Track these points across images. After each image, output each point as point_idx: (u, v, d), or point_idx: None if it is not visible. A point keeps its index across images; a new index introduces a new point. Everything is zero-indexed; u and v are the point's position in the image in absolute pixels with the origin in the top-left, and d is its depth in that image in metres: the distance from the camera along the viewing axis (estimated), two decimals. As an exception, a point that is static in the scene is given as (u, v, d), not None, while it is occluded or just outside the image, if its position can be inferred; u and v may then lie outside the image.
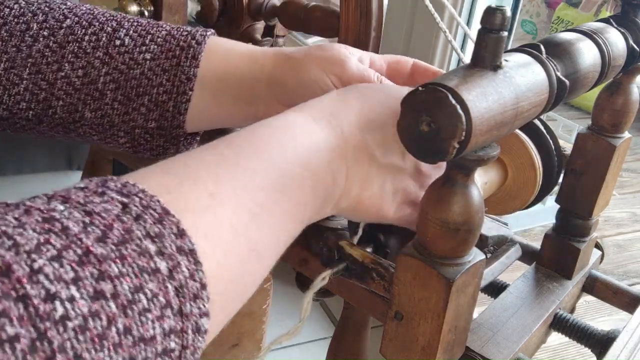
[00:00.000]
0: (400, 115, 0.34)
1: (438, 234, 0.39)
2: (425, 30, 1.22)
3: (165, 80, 0.50)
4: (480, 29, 0.34)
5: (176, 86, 0.50)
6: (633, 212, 1.83)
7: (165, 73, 0.50)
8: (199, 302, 0.28)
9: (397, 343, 0.43)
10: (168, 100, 0.50)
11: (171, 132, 0.51)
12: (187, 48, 0.50)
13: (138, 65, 0.50)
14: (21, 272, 0.23)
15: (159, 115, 0.50)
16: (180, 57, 0.50)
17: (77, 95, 0.49)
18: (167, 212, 0.28)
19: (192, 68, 0.50)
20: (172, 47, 0.50)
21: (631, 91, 0.55)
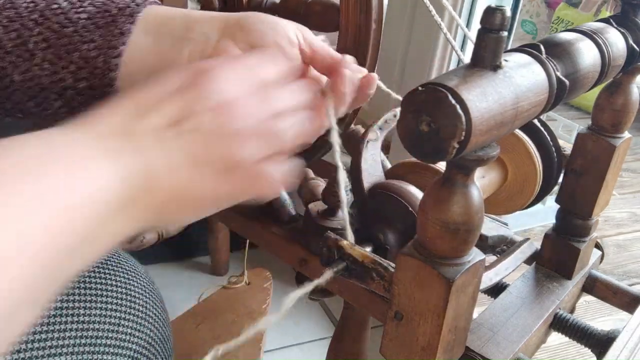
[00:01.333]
0: (400, 116, 0.34)
1: (438, 234, 0.39)
2: (425, 30, 1.22)
3: (98, 37, 0.48)
4: (480, 29, 0.34)
5: (107, 41, 0.47)
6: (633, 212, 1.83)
7: (98, 30, 0.48)
8: None
9: (397, 343, 0.43)
10: (98, 56, 0.47)
11: (103, 92, 0.49)
12: (125, 8, 0.49)
13: (72, 24, 0.48)
14: None
15: (89, 72, 0.48)
16: (116, 15, 0.48)
17: (8, 58, 0.48)
18: None
19: (127, 24, 0.48)
20: (110, 7, 0.49)
21: (631, 91, 0.55)
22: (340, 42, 0.61)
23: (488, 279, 0.49)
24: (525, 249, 0.55)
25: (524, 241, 0.56)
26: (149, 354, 0.49)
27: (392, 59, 1.30)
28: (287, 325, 1.42)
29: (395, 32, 1.28)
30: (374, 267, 0.46)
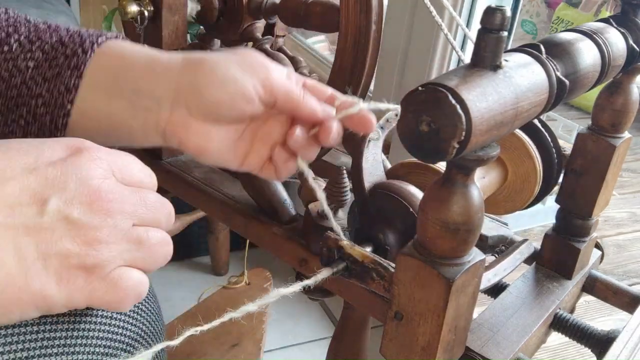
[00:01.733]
0: (400, 116, 0.34)
1: (438, 234, 0.39)
2: (425, 30, 1.22)
3: (45, 91, 0.45)
4: (480, 29, 0.34)
5: (54, 98, 0.45)
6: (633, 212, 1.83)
7: (45, 83, 0.45)
8: None
9: (397, 343, 0.43)
10: (45, 114, 0.45)
11: None
12: (72, 57, 0.45)
13: (20, 73, 0.45)
14: None
15: (38, 129, 0.46)
16: (63, 66, 0.45)
17: None
18: None
19: (73, 79, 0.45)
20: (58, 55, 0.46)
21: (631, 91, 0.55)
22: (340, 43, 0.61)
23: (487, 279, 0.49)
24: (524, 250, 0.55)
25: (523, 242, 0.56)
26: (141, 347, 0.49)
27: (392, 59, 1.30)
28: (287, 325, 1.42)
29: (395, 32, 1.28)
30: (374, 267, 0.46)
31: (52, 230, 0.33)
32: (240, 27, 0.71)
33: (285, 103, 0.45)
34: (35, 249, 0.33)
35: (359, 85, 0.62)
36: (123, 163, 0.37)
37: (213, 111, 0.45)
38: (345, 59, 0.61)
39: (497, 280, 0.50)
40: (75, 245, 0.33)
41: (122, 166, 0.37)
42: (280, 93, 0.45)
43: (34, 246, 0.32)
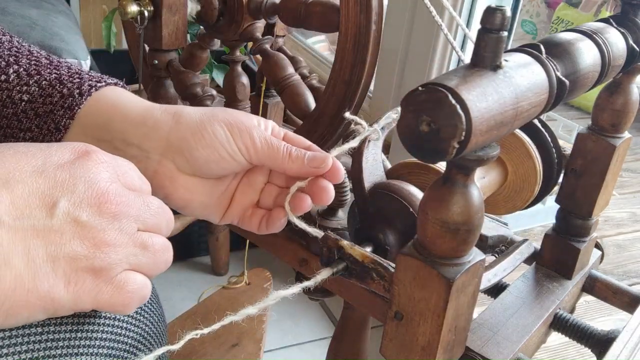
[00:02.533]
0: (400, 116, 0.34)
1: (438, 234, 0.39)
2: (425, 30, 1.22)
3: (35, 126, 0.45)
4: (480, 29, 0.34)
5: (43, 134, 0.45)
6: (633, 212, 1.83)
7: (37, 118, 0.45)
8: None
9: (397, 343, 0.43)
10: None
11: None
12: (67, 97, 0.45)
13: (13, 105, 0.45)
14: None
15: None
16: (57, 104, 0.45)
17: None
18: None
19: (65, 119, 0.44)
20: (54, 92, 0.46)
21: (631, 91, 0.55)
22: (340, 43, 0.61)
23: (487, 279, 0.49)
24: (524, 250, 0.55)
25: (523, 242, 0.56)
26: (144, 348, 0.49)
27: (392, 59, 1.30)
28: (287, 325, 1.42)
29: (395, 32, 1.28)
30: (374, 267, 0.46)
31: (61, 232, 0.33)
32: (240, 27, 0.71)
33: (270, 164, 0.47)
34: (44, 251, 0.33)
35: (359, 85, 0.62)
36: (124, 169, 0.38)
37: (201, 169, 0.46)
38: (345, 59, 0.61)
39: (497, 280, 0.50)
40: (84, 248, 0.34)
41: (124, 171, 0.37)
42: (264, 156, 0.46)
43: (43, 248, 0.33)
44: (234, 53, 0.80)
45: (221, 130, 0.45)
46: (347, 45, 0.61)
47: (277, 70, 0.67)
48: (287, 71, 0.67)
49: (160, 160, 0.46)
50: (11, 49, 0.48)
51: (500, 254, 0.55)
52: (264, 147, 0.46)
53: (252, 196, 0.50)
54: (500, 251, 0.57)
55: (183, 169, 0.46)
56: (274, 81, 0.68)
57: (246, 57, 0.86)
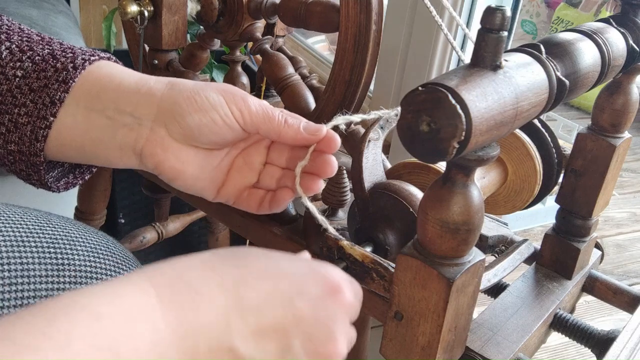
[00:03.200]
0: (401, 116, 0.34)
1: (438, 233, 0.39)
2: (425, 30, 1.22)
3: (30, 101, 0.45)
4: (480, 29, 0.34)
5: (38, 109, 0.45)
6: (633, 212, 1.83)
7: (31, 93, 0.45)
8: None
9: (397, 343, 0.43)
10: (27, 124, 0.45)
11: (31, 159, 0.47)
12: (61, 71, 0.46)
13: (7, 81, 0.46)
14: None
15: (18, 138, 0.46)
16: (51, 79, 0.45)
17: None
18: None
19: (60, 92, 0.45)
20: (47, 67, 0.46)
21: (631, 91, 0.55)
22: (341, 43, 0.61)
23: (487, 279, 0.49)
24: (524, 250, 0.55)
25: (522, 242, 0.56)
26: None
27: (392, 59, 1.30)
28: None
29: (395, 32, 1.28)
30: (374, 267, 0.46)
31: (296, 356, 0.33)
32: (240, 27, 0.71)
33: (267, 128, 0.46)
34: None
35: (359, 85, 0.62)
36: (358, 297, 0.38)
37: (193, 135, 0.45)
38: (346, 59, 0.61)
39: (497, 280, 0.50)
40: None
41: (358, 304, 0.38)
42: (259, 118, 0.46)
43: None
44: (234, 53, 0.80)
45: (214, 95, 0.45)
46: (347, 45, 0.61)
47: (277, 70, 0.67)
48: (287, 71, 0.67)
49: (153, 127, 0.45)
50: (1, 27, 0.48)
51: (501, 254, 0.55)
52: (259, 112, 0.46)
53: (249, 177, 0.50)
54: (500, 251, 0.57)
55: (175, 136, 0.45)
56: (274, 81, 0.68)
57: (246, 57, 0.86)
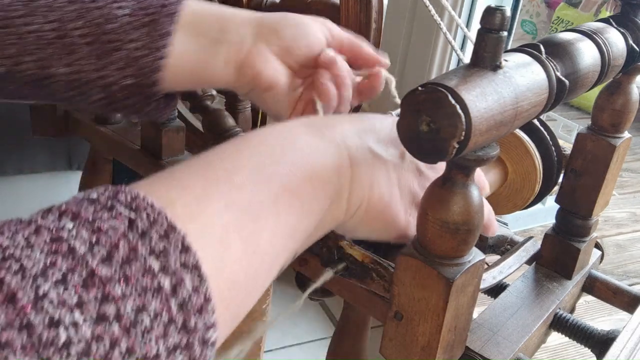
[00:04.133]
0: (400, 115, 0.35)
1: (438, 233, 0.39)
2: (425, 30, 1.22)
3: (143, 35, 0.49)
4: (479, 29, 0.34)
5: (152, 42, 0.49)
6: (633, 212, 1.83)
7: (142, 27, 0.49)
8: (205, 314, 0.28)
9: (397, 343, 0.43)
10: (144, 57, 0.49)
11: (147, 90, 0.51)
12: (166, 5, 0.50)
13: (115, 19, 0.49)
14: (26, 299, 0.23)
15: (135, 71, 0.50)
16: (158, 13, 0.49)
17: (50, 49, 0.48)
18: (174, 227, 0.28)
19: (170, 25, 0.49)
20: (149, 4, 0.50)
21: (631, 91, 0.55)
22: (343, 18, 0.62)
23: (491, 277, 0.49)
24: (529, 247, 0.55)
25: (527, 239, 0.56)
26: None
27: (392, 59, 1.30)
28: (287, 325, 1.42)
29: (395, 32, 1.28)
30: (374, 267, 0.46)
31: (407, 172, 0.44)
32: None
33: (349, 46, 0.54)
34: (397, 182, 0.43)
35: None
36: None
37: (289, 47, 0.51)
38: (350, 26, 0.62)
39: (502, 278, 0.50)
40: (419, 189, 0.44)
41: None
42: (343, 37, 0.53)
43: (396, 179, 0.43)
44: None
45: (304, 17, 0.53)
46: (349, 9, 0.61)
47: None
48: None
49: (254, 42, 0.51)
50: None
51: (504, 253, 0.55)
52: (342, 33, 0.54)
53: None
54: (506, 250, 0.57)
55: (274, 49, 0.51)
56: None
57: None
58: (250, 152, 0.36)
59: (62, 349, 0.23)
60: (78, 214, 0.28)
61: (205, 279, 0.28)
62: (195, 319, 0.28)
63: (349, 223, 0.42)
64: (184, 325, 0.27)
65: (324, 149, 0.39)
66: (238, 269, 0.32)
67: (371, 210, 0.42)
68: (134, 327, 0.25)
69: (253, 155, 0.36)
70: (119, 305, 0.25)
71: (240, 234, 0.32)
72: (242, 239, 0.32)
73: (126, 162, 0.77)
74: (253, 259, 0.33)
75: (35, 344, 0.23)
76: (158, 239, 0.28)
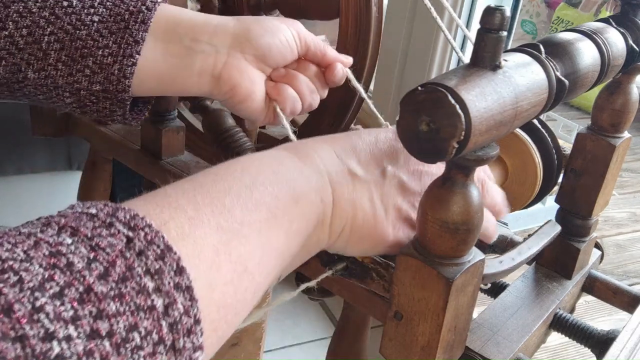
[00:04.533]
0: (400, 116, 0.35)
1: (437, 233, 0.39)
2: (425, 30, 1.22)
3: (112, 43, 0.49)
4: (479, 29, 0.34)
5: (122, 49, 0.49)
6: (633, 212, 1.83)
7: (112, 35, 0.49)
8: (193, 336, 0.29)
9: (397, 343, 0.43)
10: (113, 64, 0.49)
11: (116, 96, 0.51)
12: (137, 13, 0.50)
13: (85, 27, 0.49)
14: (22, 311, 0.24)
15: (104, 78, 0.50)
16: (129, 20, 0.49)
17: (20, 55, 0.49)
18: (170, 248, 0.29)
19: (141, 32, 0.49)
20: (122, 11, 0.50)
21: (631, 91, 0.55)
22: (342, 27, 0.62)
23: (510, 258, 0.48)
24: (548, 230, 0.54)
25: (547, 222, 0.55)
26: None
27: (392, 59, 1.30)
28: (287, 325, 1.42)
29: (395, 32, 1.28)
30: (373, 267, 0.46)
31: (390, 187, 0.43)
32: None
33: (315, 51, 0.55)
34: (379, 200, 0.43)
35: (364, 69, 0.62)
36: None
37: (264, 55, 0.52)
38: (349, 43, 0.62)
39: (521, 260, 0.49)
40: (404, 203, 0.44)
41: None
42: (310, 42, 0.54)
43: (379, 197, 0.43)
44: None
45: (277, 21, 0.54)
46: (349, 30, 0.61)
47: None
48: None
49: (229, 52, 0.51)
50: None
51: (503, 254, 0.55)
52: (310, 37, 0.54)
53: None
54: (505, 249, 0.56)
55: (249, 58, 0.52)
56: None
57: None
58: (240, 174, 0.37)
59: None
60: (77, 229, 0.28)
61: (196, 301, 0.29)
62: (184, 340, 0.28)
63: (336, 245, 0.43)
64: (172, 345, 0.28)
65: (308, 175, 0.40)
66: (227, 290, 0.32)
67: (356, 232, 0.42)
68: (125, 345, 0.26)
69: (243, 177, 0.37)
70: (112, 322, 0.26)
71: (230, 256, 0.32)
72: (232, 260, 0.33)
73: (126, 162, 0.77)
74: (242, 280, 0.33)
75: (29, 356, 0.23)
76: (154, 259, 0.28)
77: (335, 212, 0.41)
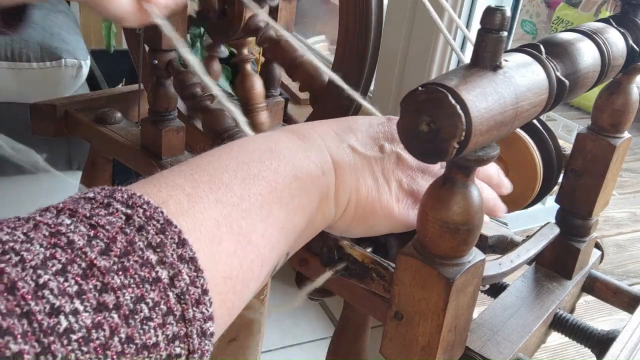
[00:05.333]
0: (400, 115, 0.35)
1: (438, 233, 0.39)
2: (425, 30, 1.22)
3: None
4: (479, 29, 0.34)
5: None
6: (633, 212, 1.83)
7: None
8: (202, 307, 0.29)
9: (397, 343, 0.43)
10: None
11: None
12: None
13: None
14: (26, 288, 0.24)
15: None
16: None
17: None
18: (170, 222, 0.29)
19: None
20: None
21: (631, 91, 0.55)
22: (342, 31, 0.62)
23: (509, 261, 0.48)
24: (547, 232, 0.54)
25: (546, 224, 0.55)
26: None
27: (392, 59, 1.30)
28: (287, 325, 1.42)
29: (395, 32, 1.28)
30: (374, 267, 0.46)
31: (389, 162, 0.44)
32: (243, 19, 0.72)
33: None
34: (381, 174, 0.44)
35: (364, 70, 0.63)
36: None
37: None
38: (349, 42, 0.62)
39: (520, 262, 0.49)
40: (404, 175, 0.45)
41: None
42: None
43: (380, 172, 0.44)
44: (241, 53, 0.80)
45: None
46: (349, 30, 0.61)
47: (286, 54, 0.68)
48: (297, 52, 0.68)
49: None
50: None
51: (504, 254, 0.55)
52: None
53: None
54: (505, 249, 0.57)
55: None
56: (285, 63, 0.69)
57: (253, 56, 0.86)
58: (237, 153, 0.37)
59: (63, 336, 0.23)
60: (75, 210, 0.28)
61: (202, 271, 0.29)
62: (194, 310, 0.28)
63: (341, 222, 0.43)
64: (182, 316, 0.28)
65: (306, 149, 0.40)
66: (232, 261, 0.32)
67: (361, 206, 0.43)
68: (133, 316, 0.26)
69: (240, 155, 0.37)
70: (118, 295, 0.26)
71: (231, 228, 0.33)
72: (234, 232, 0.33)
73: (126, 162, 0.77)
74: (247, 252, 0.33)
75: (36, 330, 0.23)
76: (155, 233, 0.28)
77: (339, 186, 0.41)
